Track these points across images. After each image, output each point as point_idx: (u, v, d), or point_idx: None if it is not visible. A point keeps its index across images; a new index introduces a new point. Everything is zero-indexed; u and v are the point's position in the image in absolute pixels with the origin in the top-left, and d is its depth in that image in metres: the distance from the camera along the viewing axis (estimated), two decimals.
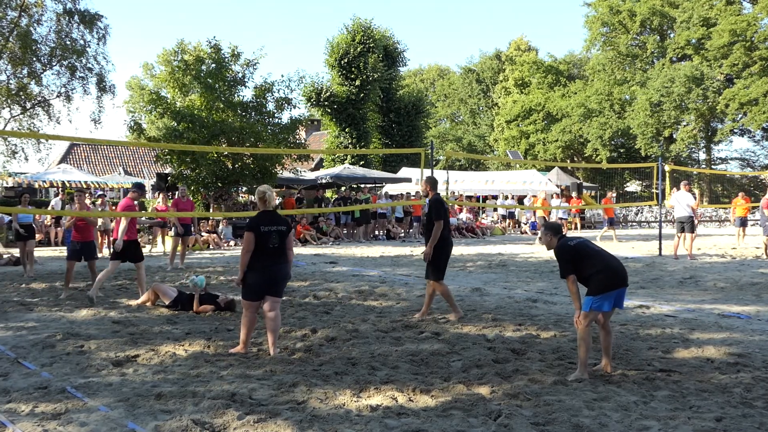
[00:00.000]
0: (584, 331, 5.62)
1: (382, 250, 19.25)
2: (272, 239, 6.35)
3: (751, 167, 50.69)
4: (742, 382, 5.44)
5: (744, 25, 43.18)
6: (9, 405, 4.95)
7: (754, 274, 12.69)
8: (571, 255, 5.76)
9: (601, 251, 5.86)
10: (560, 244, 5.91)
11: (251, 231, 6.34)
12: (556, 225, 6.22)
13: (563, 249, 5.84)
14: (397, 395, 5.12)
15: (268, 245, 6.34)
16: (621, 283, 5.74)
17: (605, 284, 5.64)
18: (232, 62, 23.30)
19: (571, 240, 5.92)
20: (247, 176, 22.85)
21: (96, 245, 10.54)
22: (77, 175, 27.18)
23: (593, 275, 5.65)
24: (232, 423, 4.49)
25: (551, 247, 5.99)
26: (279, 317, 6.59)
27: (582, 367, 5.64)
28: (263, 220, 6.40)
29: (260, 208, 6.59)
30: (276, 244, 6.38)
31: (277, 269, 6.45)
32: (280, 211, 7.50)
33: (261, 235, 6.32)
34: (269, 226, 6.38)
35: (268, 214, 6.49)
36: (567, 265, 5.77)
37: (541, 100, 54.25)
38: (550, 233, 6.04)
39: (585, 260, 5.72)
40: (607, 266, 5.70)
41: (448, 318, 8.33)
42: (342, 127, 35.29)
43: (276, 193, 24.04)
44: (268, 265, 6.39)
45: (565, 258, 5.78)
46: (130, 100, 47.37)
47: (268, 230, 6.35)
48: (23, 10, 28.37)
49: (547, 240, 6.03)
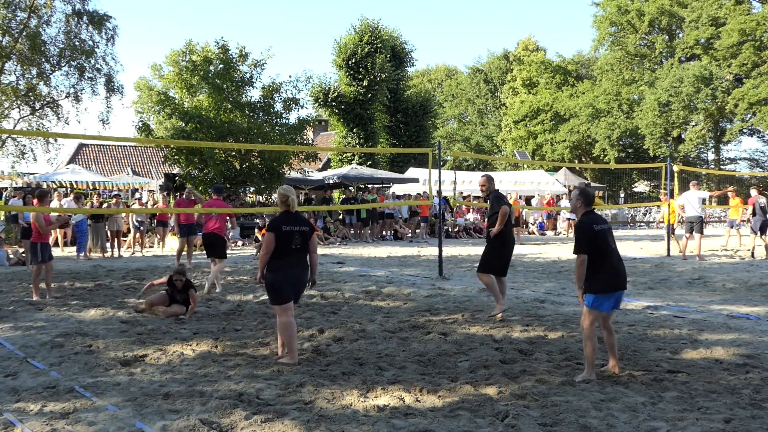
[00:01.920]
0: (589, 330, 5.58)
1: (390, 250, 19.25)
2: (295, 240, 6.10)
3: (761, 167, 50.43)
4: (751, 383, 5.41)
5: (753, 24, 42.96)
6: (18, 404, 4.97)
7: (764, 275, 12.61)
8: (590, 236, 5.57)
9: (615, 251, 5.72)
10: (585, 219, 5.69)
11: (272, 231, 6.09)
12: (590, 194, 5.92)
13: (585, 227, 5.63)
14: (405, 395, 5.12)
15: (290, 246, 6.09)
16: (621, 286, 5.69)
17: (606, 285, 5.58)
18: (239, 63, 23.36)
19: (598, 223, 5.66)
20: (254, 176, 22.89)
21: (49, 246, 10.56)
22: (86, 176, 27.26)
23: (598, 272, 5.56)
24: (240, 423, 4.50)
25: (576, 213, 5.79)
26: (293, 323, 6.39)
27: (589, 367, 5.59)
28: (286, 220, 6.15)
29: (282, 209, 6.30)
30: (298, 246, 6.12)
31: (298, 274, 6.21)
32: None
33: (282, 235, 6.07)
34: (291, 226, 6.13)
35: (290, 215, 6.21)
36: (583, 242, 5.58)
37: (549, 100, 54.16)
38: (581, 200, 5.79)
39: (598, 252, 5.57)
40: (613, 268, 5.63)
41: (492, 314, 8.33)
42: (349, 127, 35.30)
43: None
44: (290, 269, 6.14)
45: (583, 235, 5.60)
46: (138, 100, 47.59)
47: (290, 230, 6.10)
48: (33, 11, 28.52)
49: (575, 205, 5.81)
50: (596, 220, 5.70)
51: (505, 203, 8.55)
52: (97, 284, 11.76)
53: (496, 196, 8.68)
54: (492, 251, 8.51)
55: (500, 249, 8.51)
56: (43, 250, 10.27)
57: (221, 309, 9.16)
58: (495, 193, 8.76)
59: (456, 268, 14.18)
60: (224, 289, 11.05)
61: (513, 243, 8.80)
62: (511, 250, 8.68)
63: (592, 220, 5.68)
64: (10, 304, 9.68)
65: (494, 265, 8.48)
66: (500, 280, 8.56)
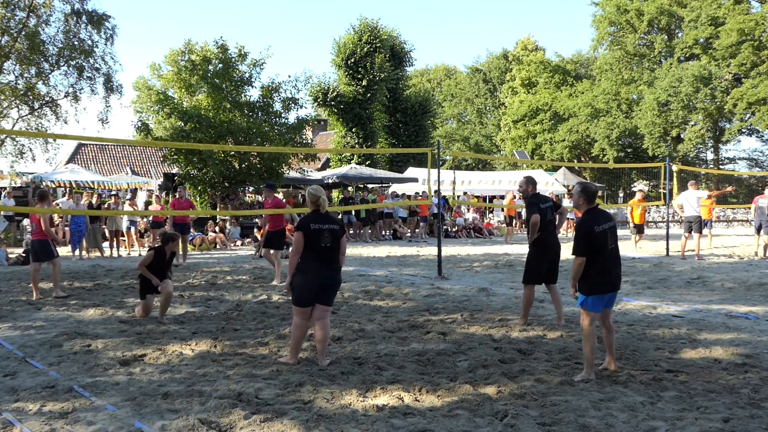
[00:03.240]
0: (588, 330, 5.55)
1: (389, 250, 19.24)
2: (324, 237, 5.95)
3: (760, 167, 50.45)
4: (750, 383, 5.42)
5: (752, 24, 42.97)
6: (17, 404, 4.97)
7: (762, 275, 12.62)
8: (590, 237, 5.43)
9: (612, 251, 5.61)
10: (586, 218, 5.51)
11: (300, 230, 5.95)
12: (593, 190, 5.68)
13: (586, 226, 5.47)
14: (404, 395, 5.12)
15: (319, 244, 5.94)
16: (612, 288, 5.65)
17: (597, 287, 5.53)
18: (238, 62, 23.35)
19: (599, 223, 5.46)
20: (253, 176, 22.89)
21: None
22: (85, 176, 27.25)
23: (590, 273, 5.49)
24: (239, 422, 4.50)
25: (578, 209, 5.61)
26: (328, 326, 6.24)
27: (588, 367, 5.58)
28: (314, 219, 6.02)
29: (311, 209, 6.14)
30: (328, 243, 5.98)
31: (329, 275, 6.06)
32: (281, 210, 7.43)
33: (311, 233, 5.93)
34: (320, 224, 5.99)
35: (319, 214, 6.07)
36: (583, 243, 5.43)
37: (548, 100, 54.18)
38: (583, 196, 5.56)
39: (596, 254, 5.48)
40: (605, 270, 5.53)
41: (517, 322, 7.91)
42: (349, 127, 35.29)
43: (283, 193, 24.09)
44: (320, 269, 5.99)
45: (583, 236, 5.45)
46: (137, 100, 47.50)
47: (319, 228, 5.96)
48: (31, 11, 28.47)
49: (577, 202, 5.61)
50: (598, 219, 5.53)
51: (537, 211, 7.80)
52: (95, 284, 11.75)
53: (528, 202, 8.01)
54: (532, 259, 7.96)
55: (541, 254, 7.89)
56: (46, 249, 10.31)
57: (220, 309, 9.16)
58: (528, 199, 8.06)
59: (455, 268, 14.18)
60: (223, 288, 11.06)
61: (555, 248, 7.99)
62: (552, 255, 7.96)
63: (594, 219, 5.53)
64: (9, 303, 9.67)
65: (537, 271, 7.92)
66: (551, 290, 8.05)
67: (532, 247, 7.90)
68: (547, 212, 7.89)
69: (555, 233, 7.99)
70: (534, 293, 8.00)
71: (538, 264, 7.90)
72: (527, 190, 8.11)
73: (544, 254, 7.88)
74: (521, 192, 8.28)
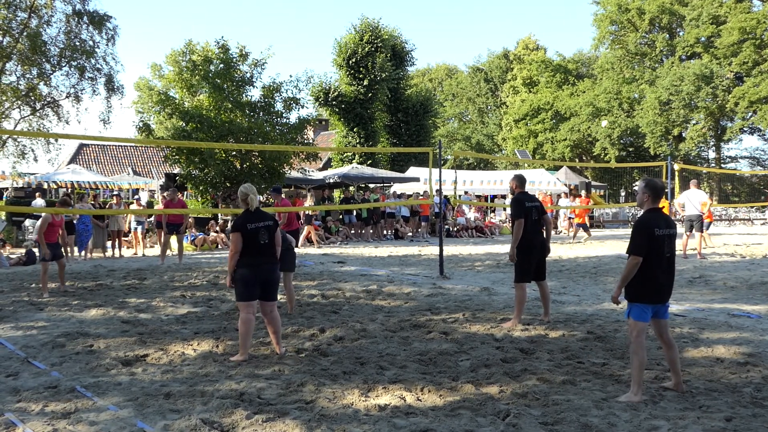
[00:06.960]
0: (636, 342, 5.01)
1: (390, 249, 19.24)
2: (261, 235, 6.24)
3: (762, 166, 50.43)
4: (752, 382, 5.41)
5: (754, 23, 42.96)
6: (19, 404, 4.98)
7: (765, 273, 12.60)
8: (650, 237, 5.00)
9: (668, 260, 5.15)
10: (647, 217, 5.08)
11: (237, 231, 6.21)
12: (659, 186, 5.23)
13: (645, 226, 5.04)
14: (406, 395, 5.12)
15: (257, 241, 6.23)
16: (659, 300, 5.13)
17: (645, 294, 5.06)
18: (240, 62, 23.32)
19: (660, 227, 5.03)
20: (255, 176, 22.87)
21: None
22: (86, 176, 27.26)
23: (642, 278, 5.04)
24: (241, 422, 4.50)
25: (641, 207, 5.20)
26: (278, 318, 6.56)
27: (635, 386, 5.00)
28: (249, 218, 6.28)
29: (243, 208, 6.43)
30: (266, 240, 6.28)
31: (269, 269, 6.35)
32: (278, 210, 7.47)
33: (249, 233, 6.20)
34: (256, 222, 6.27)
35: (252, 213, 6.33)
36: (640, 242, 4.99)
37: (550, 99, 54.16)
38: (648, 192, 5.14)
39: (650, 258, 5.01)
40: (656, 280, 5.06)
41: (504, 326, 7.81)
42: (350, 126, 35.29)
43: (285, 194, 24.06)
44: (259, 264, 6.26)
45: (642, 235, 5.01)
46: (138, 100, 47.53)
47: (256, 227, 6.24)
48: (33, 11, 28.51)
49: (641, 199, 5.17)
50: (659, 222, 5.08)
51: (521, 214, 7.86)
52: (98, 284, 11.76)
53: (514, 200, 8.09)
54: (521, 257, 7.97)
55: (528, 253, 7.93)
56: (52, 248, 10.74)
57: (222, 309, 9.16)
58: (515, 196, 8.16)
59: (457, 267, 14.18)
60: (225, 288, 11.07)
61: (541, 245, 8.05)
62: (538, 254, 8.01)
63: (656, 221, 5.08)
64: (11, 304, 9.68)
65: (527, 270, 7.97)
66: (541, 286, 8.17)
67: (518, 247, 7.96)
68: (531, 211, 7.98)
69: (540, 231, 8.11)
70: (526, 292, 8.05)
71: (527, 263, 7.99)
72: (514, 188, 8.29)
73: (531, 252, 7.99)
74: (510, 190, 8.39)
